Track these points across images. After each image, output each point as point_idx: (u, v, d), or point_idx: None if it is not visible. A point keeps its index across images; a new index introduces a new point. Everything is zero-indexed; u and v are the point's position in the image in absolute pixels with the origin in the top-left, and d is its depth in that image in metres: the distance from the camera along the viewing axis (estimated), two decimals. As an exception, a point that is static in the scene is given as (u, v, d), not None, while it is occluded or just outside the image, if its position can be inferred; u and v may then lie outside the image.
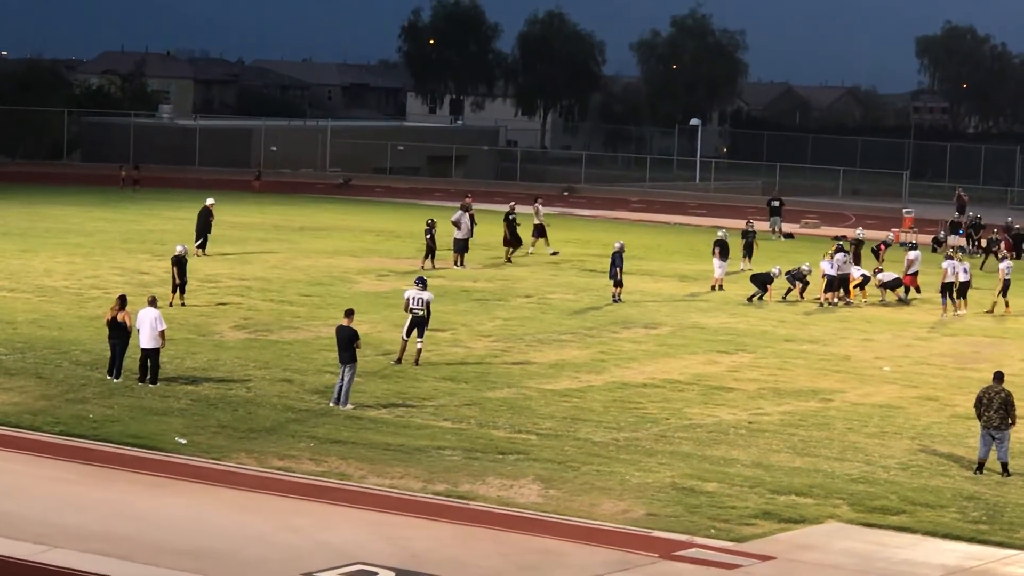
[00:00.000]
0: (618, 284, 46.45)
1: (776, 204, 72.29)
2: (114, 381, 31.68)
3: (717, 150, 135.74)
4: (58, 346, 35.45)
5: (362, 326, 32.99)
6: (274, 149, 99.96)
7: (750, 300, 47.68)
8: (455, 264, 53.20)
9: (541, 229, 58.67)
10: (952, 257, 48.49)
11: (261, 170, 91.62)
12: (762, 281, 48.19)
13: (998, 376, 27.62)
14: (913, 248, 52.08)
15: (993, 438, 27.14)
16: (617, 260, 46.37)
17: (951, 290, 47.17)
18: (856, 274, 48.92)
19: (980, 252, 63.00)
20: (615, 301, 46.17)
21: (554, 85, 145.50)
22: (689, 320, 43.62)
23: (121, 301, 32.35)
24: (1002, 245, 61.21)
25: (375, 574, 20.45)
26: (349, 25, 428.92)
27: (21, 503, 23.22)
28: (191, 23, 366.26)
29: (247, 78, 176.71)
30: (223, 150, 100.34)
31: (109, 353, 32.08)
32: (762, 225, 65.48)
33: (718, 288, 50.03)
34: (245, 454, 26.56)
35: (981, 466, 27.28)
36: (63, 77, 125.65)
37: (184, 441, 27.17)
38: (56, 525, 22.05)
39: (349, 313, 31.09)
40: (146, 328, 31.45)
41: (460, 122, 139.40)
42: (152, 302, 32.29)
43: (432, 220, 53.87)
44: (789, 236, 70.92)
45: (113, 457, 26.16)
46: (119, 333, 31.90)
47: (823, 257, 48.66)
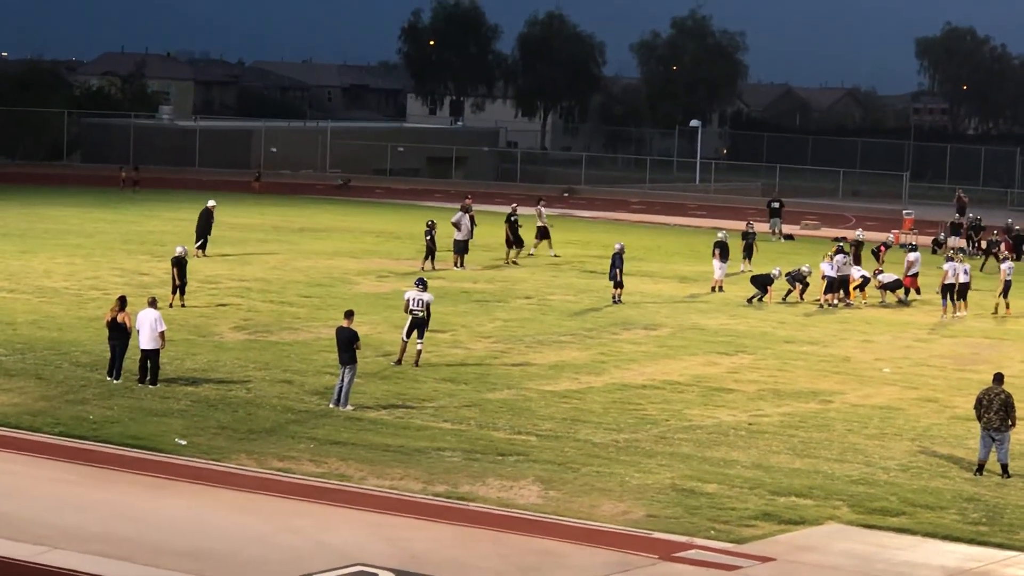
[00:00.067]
0: (618, 285, 46.44)
1: (776, 205, 72.31)
2: (114, 382, 31.68)
3: (717, 151, 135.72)
4: (58, 347, 35.43)
5: (362, 327, 32.98)
6: (274, 150, 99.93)
7: (750, 301, 47.68)
8: (455, 265, 53.19)
9: (544, 231, 58.59)
10: (953, 258, 48.50)
11: (261, 171, 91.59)
12: (762, 282, 48.19)
13: (998, 378, 27.62)
14: (913, 249, 52.05)
15: (993, 439, 27.14)
16: (617, 261, 46.36)
17: (951, 291, 47.17)
18: (856, 275, 48.91)
19: (980, 254, 63.00)
20: (615, 302, 46.16)
21: (554, 86, 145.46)
22: (689, 321, 43.62)
23: (121, 302, 32.34)
24: (1002, 246, 61.22)
25: (375, 575, 20.46)
26: (349, 26, 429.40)
27: (21, 504, 23.22)
28: (191, 24, 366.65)
29: (247, 79, 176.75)
30: (223, 151, 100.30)
31: (109, 354, 32.08)
32: (762, 226, 65.48)
33: (718, 289, 50.03)
34: (245, 455, 26.56)
35: (981, 467, 27.28)
36: (63, 78, 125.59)
37: (184, 442, 27.17)
38: (56, 526, 22.04)
39: (349, 314, 31.09)
40: (146, 329, 31.44)
41: (460, 123, 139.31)
42: (152, 303, 32.28)
43: (432, 221, 53.87)
44: (789, 237, 70.93)
45: (113, 458, 26.16)
46: (119, 334, 31.89)
47: (823, 258, 48.66)
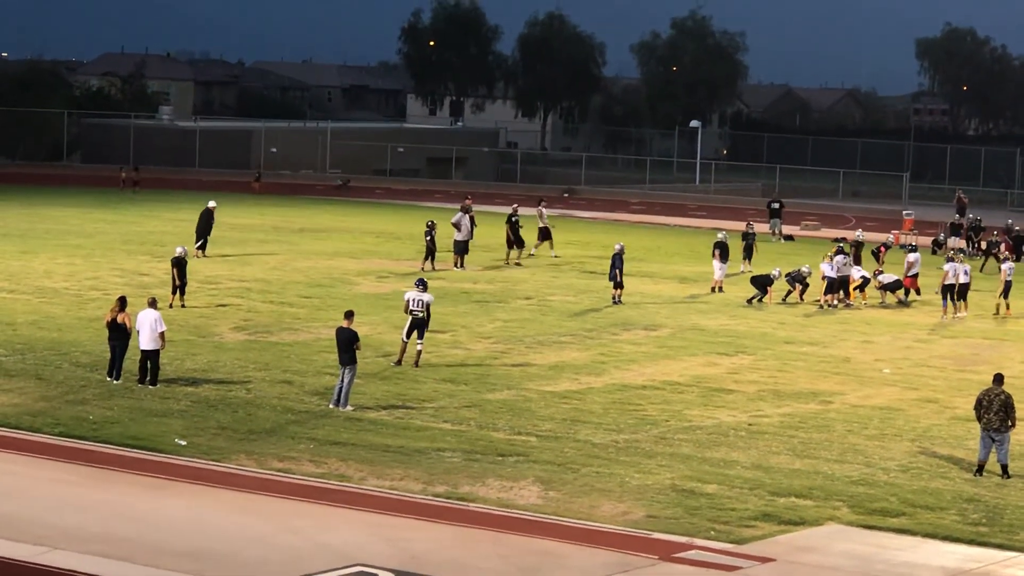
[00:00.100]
0: (618, 286, 46.43)
1: (776, 206, 72.29)
2: (114, 382, 31.68)
3: (717, 152, 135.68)
4: (58, 347, 35.43)
5: (362, 328, 32.98)
6: (274, 151, 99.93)
7: (750, 302, 47.68)
8: (455, 266, 53.19)
9: (546, 232, 58.52)
10: (954, 259, 48.50)
11: (261, 171, 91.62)
12: (762, 283, 48.19)
13: (998, 378, 27.63)
14: (913, 250, 52.05)
15: (993, 440, 27.15)
16: (617, 262, 46.36)
17: (951, 292, 47.17)
18: (856, 275, 48.91)
19: (980, 254, 63.00)
20: (615, 303, 46.15)
21: (554, 87, 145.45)
22: (689, 322, 43.62)
23: (121, 302, 32.35)
24: (1002, 247, 61.23)
25: (374, 575, 20.51)
26: (349, 27, 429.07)
27: (21, 504, 23.22)
28: (191, 24, 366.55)
29: (247, 79, 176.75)
30: (223, 152, 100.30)
31: (109, 354, 32.08)
32: (762, 227, 65.49)
33: (718, 290, 50.03)
34: (245, 456, 26.56)
35: (981, 468, 27.28)
36: (63, 78, 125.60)
37: (184, 443, 27.17)
38: (56, 526, 22.04)
39: (349, 315, 31.09)
40: (146, 329, 31.44)
41: (460, 124, 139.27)
42: (152, 303, 32.29)
43: (432, 222, 53.86)
44: (789, 238, 70.93)
45: (113, 458, 26.16)
46: (119, 334, 31.90)
47: (823, 259, 48.67)
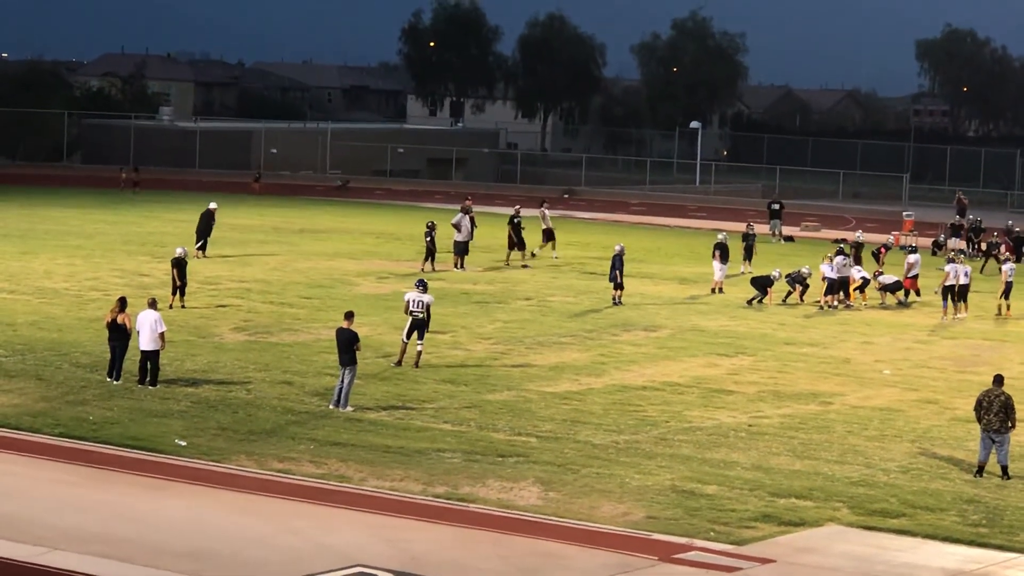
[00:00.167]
0: (618, 287, 46.43)
1: (776, 207, 72.26)
2: (114, 383, 31.68)
3: (717, 153, 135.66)
4: (58, 348, 35.43)
5: (362, 328, 32.98)
6: (274, 151, 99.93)
7: (750, 303, 47.67)
8: (455, 267, 53.18)
9: (550, 233, 58.50)
10: (955, 260, 48.50)
11: (260, 172, 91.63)
12: (762, 284, 48.19)
13: (998, 379, 27.63)
14: (913, 251, 52.04)
15: (993, 441, 27.14)
16: (617, 263, 46.36)
17: (952, 293, 47.16)
18: (856, 276, 48.91)
19: (980, 255, 62.99)
20: (615, 304, 46.14)
21: (554, 87, 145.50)
22: (689, 323, 43.62)
23: (121, 303, 32.34)
24: (1002, 248, 61.23)
25: (375, 576, 20.50)
26: (349, 27, 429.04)
27: (21, 505, 23.22)
28: (191, 25, 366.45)
29: (247, 80, 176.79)
30: (223, 152, 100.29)
31: (109, 355, 32.08)
32: (762, 228, 65.47)
33: (718, 291, 50.03)
34: (245, 456, 26.56)
35: (981, 469, 27.28)
36: (63, 79, 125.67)
37: (184, 443, 27.17)
38: (56, 527, 22.04)
39: (349, 315, 31.09)
40: (146, 330, 31.44)
41: (460, 124, 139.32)
42: (152, 304, 32.29)
43: (432, 223, 53.83)
44: (789, 239, 70.91)
45: (113, 459, 26.16)
46: (119, 335, 31.89)
47: (823, 260, 48.66)
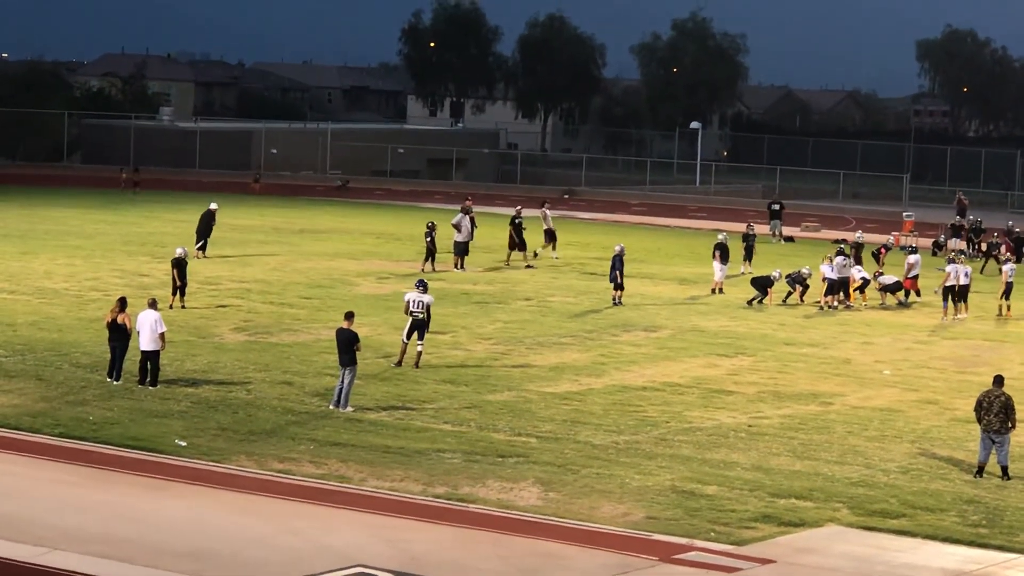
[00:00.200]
0: (618, 287, 46.44)
1: (776, 207, 72.26)
2: (114, 383, 31.68)
3: (717, 153, 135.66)
4: (58, 348, 35.43)
5: (362, 329, 32.98)
6: (274, 152, 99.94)
7: (750, 303, 47.68)
8: (455, 267, 53.18)
9: (551, 233, 58.49)
10: (955, 260, 48.50)
11: (260, 172, 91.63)
12: (762, 284, 48.19)
13: (998, 380, 27.63)
14: (913, 252, 52.05)
15: (993, 442, 27.15)
16: (617, 263, 46.37)
17: (952, 293, 47.15)
18: (856, 276, 48.91)
19: (981, 256, 62.99)
20: (615, 304, 46.15)
21: (554, 88, 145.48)
22: (689, 323, 43.62)
23: (121, 303, 32.35)
24: (1003, 248, 61.23)
25: (375, 577, 20.50)
26: (349, 28, 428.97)
27: (21, 505, 23.22)
28: (192, 25, 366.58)
29: (247, 80, 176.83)
30: (223, 152, 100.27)
31: (109, 355, 32.08)
32: (762, 228, 65.48)
33: (718, 291, 50.03)
34: (245, 456, 26.56)
35: (981, 470, 27.28)
36: (64, 79, 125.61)
37: (184, 443, 27.17)
38: (56, 527, 22.04)
39: (349, 316, 31.09)
40: (146, 330, 31.45)
41: (460, 125, 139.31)
42: (152, 304, 32.30)
43: (432, 223, 53.83)
44: (789, 239, 70.93)
45: (113, 459, 26.17)
46: (119, 335, 31.90)
47: (823, 260, 48.66)
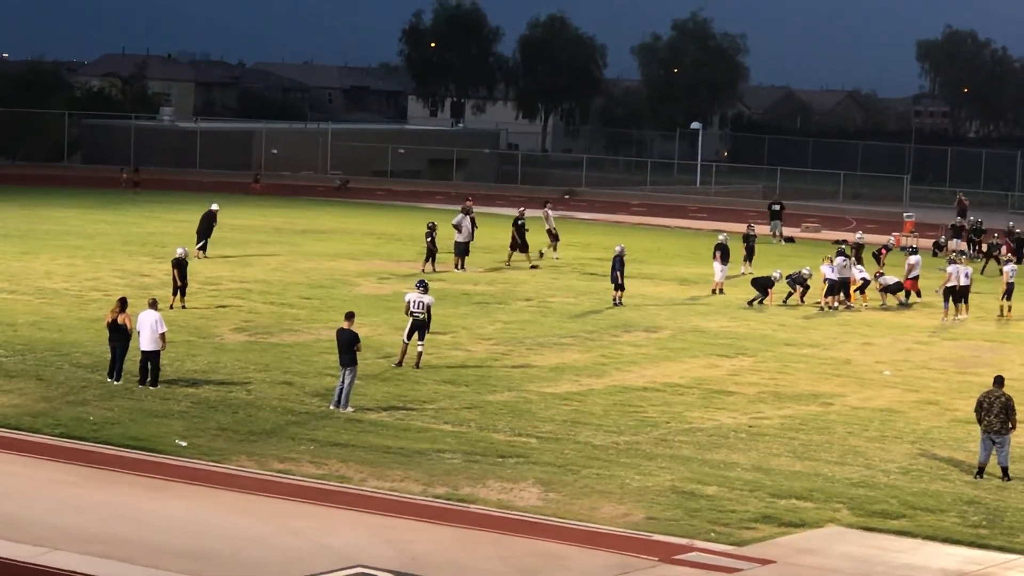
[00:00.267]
0: (619, 288, 46.45)
1: (777, 208, 72.25)
2: (114, 383, 31.68)
3: (718, 154, 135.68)
4: (58, 348, 35.43)
5: (363, 329, 32.98)
6: (275, 152, 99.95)
7: (750, 304, 47.68)
8: (456, 267, 53.17)
9: (553, 234, 58.45)
10: (956, 261, 48.50)
11: (260, 173, 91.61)
12: (763, 285, 48.19)
13: (998, 380, 27.63)
14: (914, 252, 52.07)
15: (993, 442, 27.14)
16: (618, 264, 46.38)
17: (953, 294, 47.15)
18: (857, 276, 48.91)
19: (981, 256, 62.99)
20: (616, 305, 46.15)
21: (555, 88, 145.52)
22: (689, 324, 43.62)
23: (121, 303, 32.35)
24: (1003, 249, 61.23)
25: (375, 577, 20.50)
26: (350, 28, 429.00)
27: (21, 505, 23.22)
28: (192, 25, 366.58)
29: (248, 81, 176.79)
30: (224, 153, 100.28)
31: (109, 355, 32.08)
32: (763, 229, 65.48)
33: (719, 292, 50.03)
34: (245, 457, 26.56)
35: (981, 470, 27.28)
36: (64, 79, 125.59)
37: (184, 443, 27.17)
38: (56, 527, 22.04)
39: (350, 316, 31.09)
40: (146, 330, 31.45)
41: (461, 125, 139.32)
42: (152, 304, 32.30)
43: (433, 223, 53.81)
44: (790, 240, 70.92)
45: (113, 459, 26.17)
46: (119, 335, 31.90)
47: (823, 261, 48.66)
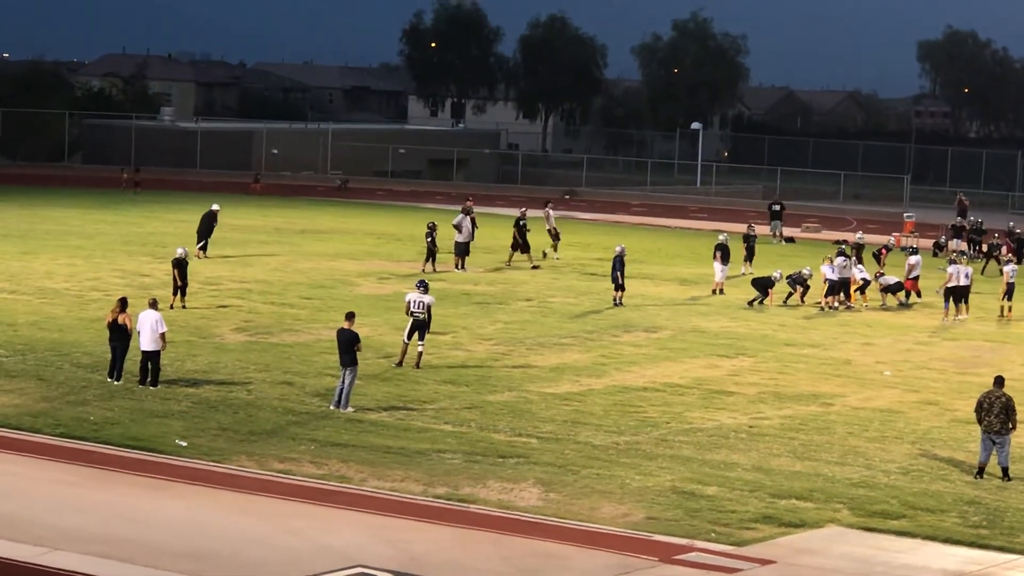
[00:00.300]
0: (619, 288, 46.45)
1: (777, 208, 72.24)
2: (115, 383, 31.68)
3: (718, 154, 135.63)
4: (59, 348, 35.43)
5: (363, 329, 32.97)
6: (275, 152, 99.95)
7: (751, 304, 47.67)
8: (456, 267, 53.17)
9: (555, 234, 58.43)
10: (957, 261, 48.50)
11: (260, 173, 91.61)
12: (763, 285, 48.20)
13: (999, 381, 27.63)
14: (914, 253, 52.07)
15: (994, 443, 27.15)
16: (618, 264, 46.38)
17: (953, 294, 47.14)
18: (857, 275, 48.90)
19: (982, 257, 62.98)
20: (616, 305, 46.14)
21: (555, 88, 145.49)
22: (690, 324, 43.61)
23: (122, 303, 32.35)
24: (1004, 249, 61.23)
25: (375, 577, 20.50)
26: (350, 28, 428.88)
27: (21, 505, 23.22)
28: (192, 25, 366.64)
29: (248, 81, 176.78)
30: (224, 153, 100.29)
31: (110, 355, 32.08)
32: (763, 229, 65.49)
33: (719, 292, 50.03)
34: (245, 457, 26.56)
35: (981, 471, 27.28)
36: (64, 79, 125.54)
37: (184, 443, 27.17)
38: (56, 527, 22.05)
39: (350, 316, 31.09)
40: (147, 330, 31.45)
41: (461, 125, 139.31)
42: (153, 304, 32.30)
43: (433, 223, 53.80)
44: (790, 240, 70.92)
45: (113, 459, 26.17)
46: (120, 335, 31.90)
47: (824, 261, 48.66)
